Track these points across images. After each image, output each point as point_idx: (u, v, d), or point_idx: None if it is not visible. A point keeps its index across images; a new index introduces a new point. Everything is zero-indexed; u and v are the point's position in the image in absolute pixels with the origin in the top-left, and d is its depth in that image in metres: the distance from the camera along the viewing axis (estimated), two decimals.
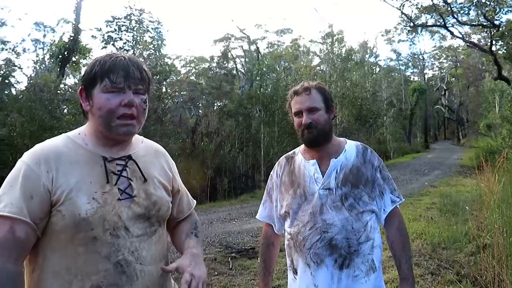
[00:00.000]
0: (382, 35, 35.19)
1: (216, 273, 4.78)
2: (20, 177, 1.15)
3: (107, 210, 1.19)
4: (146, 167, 1.33)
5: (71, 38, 15.07)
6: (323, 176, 1.67)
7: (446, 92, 43.48)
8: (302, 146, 1.80)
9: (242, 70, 27.72)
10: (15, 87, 16.04)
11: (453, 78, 42.47)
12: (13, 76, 17.37)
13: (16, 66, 17.21)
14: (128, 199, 1.24)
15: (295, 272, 1.71)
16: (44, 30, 22.30)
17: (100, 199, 1.19)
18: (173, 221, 1.49)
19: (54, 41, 16.84)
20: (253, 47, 27.01)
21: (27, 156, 1.20)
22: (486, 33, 19.14)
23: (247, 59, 28.29)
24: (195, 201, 1.61)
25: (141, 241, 1.25)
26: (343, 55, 22.72)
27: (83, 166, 1.21)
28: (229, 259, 5.33)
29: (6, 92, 14.05)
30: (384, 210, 1.69)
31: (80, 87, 1.26)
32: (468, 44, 21.28)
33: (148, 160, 1.35)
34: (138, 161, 1.31)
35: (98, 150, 1.25)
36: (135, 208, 1.25)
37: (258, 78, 17.81)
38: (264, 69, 18.05)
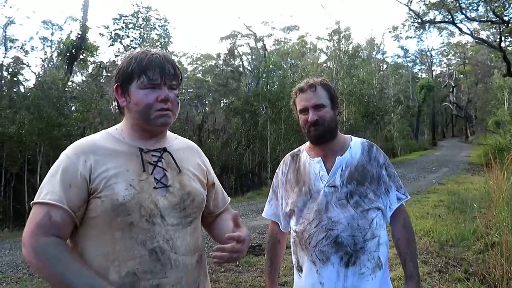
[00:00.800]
0: (390, 32, 34.95)
1: (223, 269, 4.80)
2: (60, 168, 1.23)
3: (144, 197, 1.25)
4: (180, 159, 1.39)
5: (79, 36, 15.15)
6: (328, 174, 1.66)
7: (454, 89, 43.09)
8: (307, 143, 1.79)
9: (249, 68, 27.70)
10: (24, 85, 16.20)
11: (461, 75, 42.13)
12: (22, 74, 17.55)
13: (24, 64, 17.38)
14: (163, 188, 1.30)
15: (300, 270, 1.71)
16: (52, 28, 22.41)
17: (137, 186, 1.25)
18: (210, 216, 1.55)
19: (62, 39, 16.90)
20: (259, 44, 27.00)
21: (68, 149, 1.29)
22: (495, 29, 18.93)
23: (253, 56, 28.27)
24: (229, 198, 1.66)
25: (176, 230, 1.29)
26: (350, 52, 22.62)
27: (121, 157, 1.28)
28: None
29: (15, 89, 14.19)
30: (390, 207, 1.68)
31: (116, 84, 1.32)
32: (476, 40, 21.10)
33: (182, 154, 1.42)
34: (173, 153, 1.38)
35: (135, 142, 1.32)
36: (170, 198, 1.30)
37: (264, 75, 17.77)
38: (271, 66, 18.00)
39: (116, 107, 1.35)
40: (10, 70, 14.60)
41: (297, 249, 1.71)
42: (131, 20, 14.84)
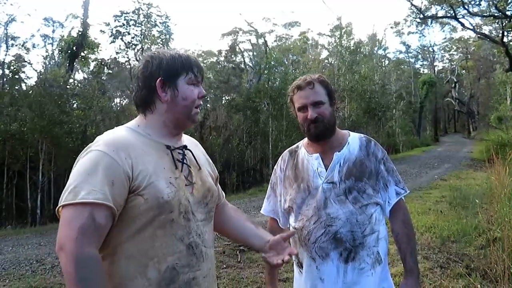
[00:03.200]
0: (391, 27, 34.67)
1: (224, 265, 4.82)
2: (99, 164, 1.17)
3: (181, 194, 1.28)
4: (197, 156, 1.43)
5: (80, 33, 15.15)
6: (326, 170, 1.66)
7: (457, 84, 42.92)
8: (305, 140, 1.79)
9: (250, 64, 27.64)
10: (25, 83, 16.21)
11: (464, 70, 41.96)
12: (23, 72, 17.56)
13: (26, 61, 17.39)
14: (190, 186, 1.33)
15: (301, 266, 1.71)
16: (53, 26, 22.49)
17: (175, 183, 1.27)
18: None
19: (63, 36, 16.94)
20: (261, 41, 26.92)
21: (101, 145, 1.22)
22: (497, 24, 18.86)
23: (255, 53, 28.22)
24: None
25: (204, 225, 1.35)
26: (352, 47, 22.53)
27: (154, 154, 1.28)
28: (238, 252, 5.35)
29: (16, 87, 14.22)
30: (388, 202, 1.68)
31: (160, 78, 1.31)
32: (479, 35, 21.00)
33: (195, 150, 1.45)
34: (192, 150, 1.42)
35: (161, 139, 1.33)
36: (196, 194, 1.34)
37: (266, 71, 17.74)
38: (272, 62, 17.96)
39: (130, 103, 1.37)
40: (12, 68, 14.62)
41: (296, 245, 1.71)
42: (132, 17, 14.85)
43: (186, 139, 1.47)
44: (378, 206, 1.67)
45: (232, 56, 29.23)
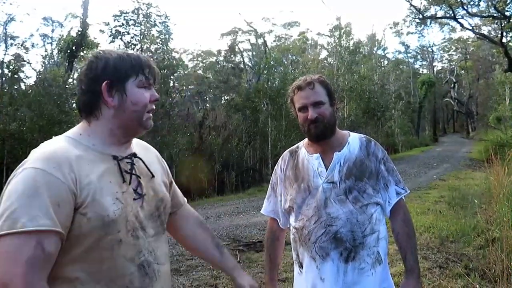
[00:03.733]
0: (391, 28, 34.76)
1: None
2: (39, 185, 1.02)
3: (128, 210, 1.15)
4: (148, 163, 1.30)
5: (79, 32, 15.14)
6: (326, 170, 1.66)
7: (456, 84, 42.99)
8: (306, 140, 1.79)
9: (250, 64, 27.65)
10: (25, 82, 16.19)
11: (463, 71, 42.04)
12: (23, 71, 17.54)
13: (25, 61, 17.37)
14: (140, 199, 1.21)
15: (301, 265, 1.72)
16: (52, 25, 22.47)
17: (122, 198, 1.14)
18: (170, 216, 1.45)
19: (62, 36, 16.93)
20: (260, 41, 26.93)
21: (38, 161, 1.06)
22: (496, 24, 18.89)
23: (254, 53, 28.23)
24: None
25: (156, 240, 1.24)
26: (351, 48, 22.55)
27: (99, 166, 1.14)
28: (237, 252, 5.36)
29: (15, 87, 14.20)
30: (389, 202, 1.69)
31: (106, 81, 1.17)
32: (478, 36, 21.04)
33: (146, 156, 1.32)
34: (142, 158, 1.28)
35: (108, 149, 1.19)
36: (146, 207, 1.22)
37: (265, 71, 17.74)
38: (272, 62, 17.98)
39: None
40: (11, 67, 14.60)
41: (297, 245, 1.72)
42: (132, 16, 14.79)
43: (136, 145, 1.32)
44: (379, 206, 1.67)
45: (232, 56, 29.25)
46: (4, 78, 14.38)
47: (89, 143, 1.17)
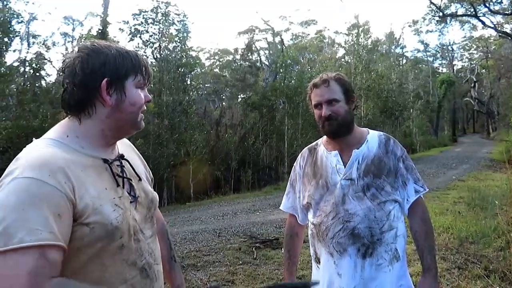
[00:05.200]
0: (409, 26, 34.31)
1: (240, 262, 4.86)
2: (35, 196, 0.92)
3: (128, 214, 1.11)
4: (134, 164, 1.25)
5: (99, 31, 15.37)
6: (345, 167, 1.68)
7: (476, 84, 42.12)
8: (324, 137, 1.81)
9: (266, 62, 27.63)
10: (46, 80, 16.54)
11: (484, 70, 41.15)
12: (44, 69, 17.92)
13: (46, 59, 17.73)
14: (134, 202, 1.16)
15: (318, 261, 1.74)
16: (73, 24, 22.85)
17: (120, 204, 1.09)
18: None
19: (83, 34, 17.21)
20: (277, 39, 26.86)
21: (28, 170, 0.94)
22: None
23: (271, 51, 28.18)
24: None
25: (153, 241, 1.22)
26: (369, 46, 22.33)
27: (92, 172, 1.07)
28: (253, 249, 5.40)
29: (37, 84, 14.53)
30: (407, 200, 1.69)
31: (106, 79, 1.09)
32: (500, 34, 20.59)
33: (131, 157, 1.27)
34: (129, 159, 1.23)
35: (96, 152, 1.12)
36: (141, 209, 1.19)
37: (282, 70, 17.73)
38: (288, 61, 17.96)
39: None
40: (33, 65, 14.94)
41: (314, 241, 1.74)
42: (151, 15, 15.00)
43: (120, 145, 1.25)
44: (397, 204, 1.67)
45: (248, 54, 29.28)
46: (26, 76, 14.73)
47: (78, 146, 1.09)
